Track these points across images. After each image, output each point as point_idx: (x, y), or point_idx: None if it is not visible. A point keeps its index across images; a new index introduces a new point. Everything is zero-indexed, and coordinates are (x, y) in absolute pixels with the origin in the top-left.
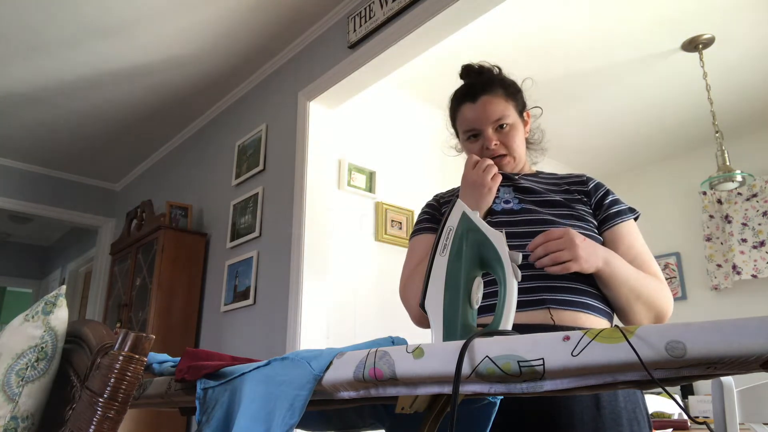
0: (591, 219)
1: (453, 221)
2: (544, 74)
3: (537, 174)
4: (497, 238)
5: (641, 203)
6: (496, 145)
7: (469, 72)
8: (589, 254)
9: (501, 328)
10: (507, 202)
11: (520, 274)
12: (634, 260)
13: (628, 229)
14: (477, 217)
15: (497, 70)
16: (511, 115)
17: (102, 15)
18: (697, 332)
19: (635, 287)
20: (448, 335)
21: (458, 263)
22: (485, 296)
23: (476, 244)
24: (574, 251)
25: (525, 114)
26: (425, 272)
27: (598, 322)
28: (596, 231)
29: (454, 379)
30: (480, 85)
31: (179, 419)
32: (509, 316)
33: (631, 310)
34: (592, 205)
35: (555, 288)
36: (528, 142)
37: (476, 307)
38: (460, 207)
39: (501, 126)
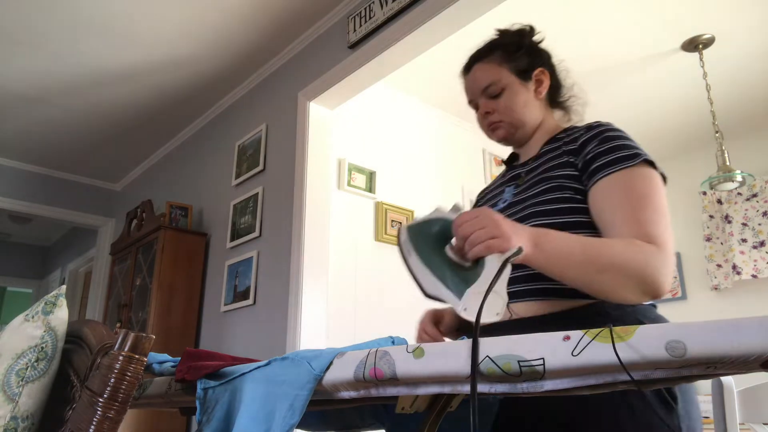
0: (572, 194)
1: (401, 240)
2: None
3: (555, 139)
4: (435, 213)
5: None
6: (488, 113)
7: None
8: (513, 231)
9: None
10: (505, 201)
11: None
12: (604, 230)
13: (603, 189)
14: (410, 223)
15: (527, 29)
16: (503, 79)
17: (102, 15)
18: (697, 332)
19: (591, 259)
20: (458, 291)
21: (426, 247)
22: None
23: (428, 235)
24: (496, 229)
25: (535, 73)
26: (411, 278)
27: (564, 305)
28: (581, 203)
29: (471, 372)
30: (477, 54)
31: (179, 419)
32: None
33: (600, 287)
34: (579, 167)
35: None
36: (557, 101)
37: (466, 263)
38: (402, 229)
39: (493, 92)
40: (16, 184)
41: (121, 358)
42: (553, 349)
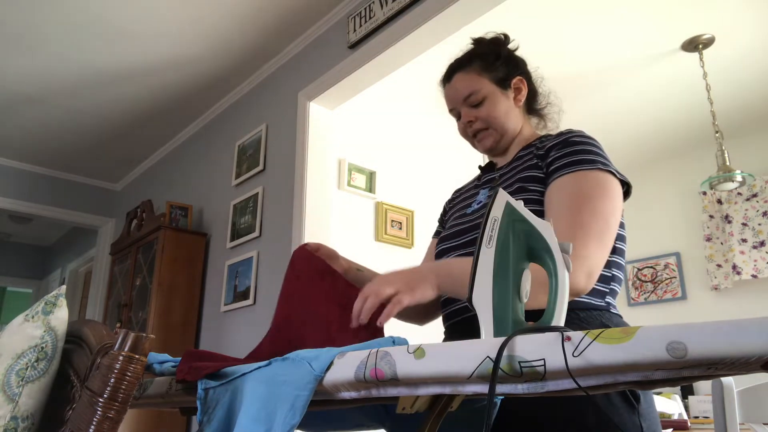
0: (538, 195)
1: (497, 211)
2: (544, 75)
3: (529, 145)
4: (544, 228)
5: (641, 203)
6: (471, 122)
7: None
8: (412, 278)
9: (554, 323)
10: (479, 202)
11: (571, 264)
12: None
13: (554, 188)
14: (522, 207)
15: (502, 38)
16: (483, 89)
17: (102, 15)
18: (698, 333)
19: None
20: (499, 331)
21: (506, 255)
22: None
23: (523, 235)
24: (393, 287)
25: (513, 81)
26: (471, 266)
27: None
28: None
29: (492, 377)
30: (457, 63)
31: (179, 419)
32: (562, 310)
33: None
34: (544, 170)
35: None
36: (534, 108)
37: (525, 300)
38: (503, 197)
39: (474, 101)
40: (16, 184)
41: (121, 358)
42: (554, 350)
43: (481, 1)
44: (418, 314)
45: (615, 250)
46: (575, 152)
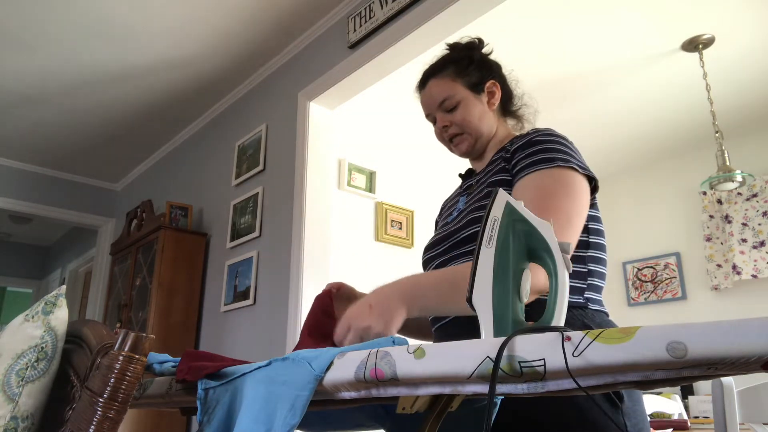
0: None
1: (497, 212)
2: (544, 75)
3: (502, 149)
4: (545, 228)
5: (641, 203)
6: (446, 126)
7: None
8: (383, 311)
9: (554, 323)
10: (458, 209)
11: (570, 265)
12: None
13: (517, 190)
14: (522, 207)
15: (476, 42)
16: (457, 94)
17: (102, 15)
18: (698, 333)
19: (456, 282)
20: (499, 331)
21: (506, 255)
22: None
23: (523, 235)
24: (369, 323)
25: (487, 85)
26: (471, 266)
27: None
28: None
29: (492, 377)
30: (431, 69)
31: (179, 419)
32: (562, 310)
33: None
34: (511, 172)
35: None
36: (509, 110)
37: (525, 300)
38: (503, 197)
39: (449, 106)
40: (16, 184)
41: (121, 358)
42: (554, 350)
43: (481, 1)
44: (419, 330)
45: (590, 245)
46: (537, 152)
